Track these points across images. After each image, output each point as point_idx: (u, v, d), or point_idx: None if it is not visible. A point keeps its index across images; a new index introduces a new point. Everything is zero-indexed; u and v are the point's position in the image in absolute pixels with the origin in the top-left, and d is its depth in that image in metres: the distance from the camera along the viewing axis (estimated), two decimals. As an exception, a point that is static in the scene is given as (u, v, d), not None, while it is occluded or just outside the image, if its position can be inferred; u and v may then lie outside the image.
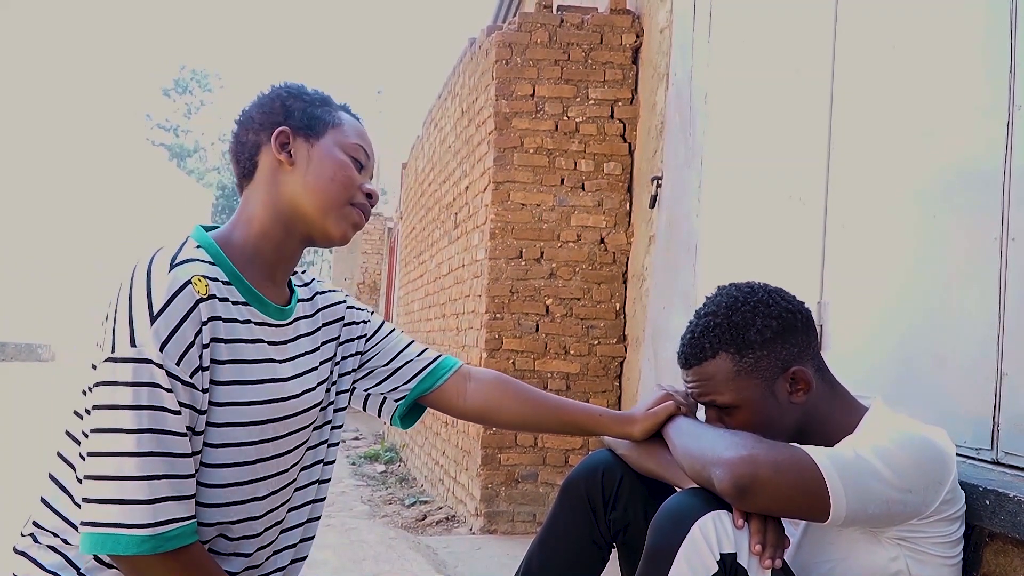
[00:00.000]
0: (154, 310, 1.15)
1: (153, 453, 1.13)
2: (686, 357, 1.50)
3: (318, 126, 1.35)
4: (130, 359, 1.13)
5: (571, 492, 1.63)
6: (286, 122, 1.34)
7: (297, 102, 1.36)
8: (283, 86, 1.39)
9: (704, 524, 1.25)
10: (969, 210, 1.82)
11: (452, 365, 1.58)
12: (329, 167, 1.33)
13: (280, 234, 1.33)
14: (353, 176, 1.35)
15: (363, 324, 1.54)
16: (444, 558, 3.50)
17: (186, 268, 1.20)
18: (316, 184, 1.32)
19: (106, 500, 1.12)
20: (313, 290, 1.48)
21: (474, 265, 4.35)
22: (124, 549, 1.11)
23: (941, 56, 1.96)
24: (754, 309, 1.45)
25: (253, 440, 1.27)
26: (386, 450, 7.20)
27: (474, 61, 4.60)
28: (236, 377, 1.25)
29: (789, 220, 2.55)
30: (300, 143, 1.34)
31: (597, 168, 4.01)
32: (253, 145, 1.35)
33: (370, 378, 1.55)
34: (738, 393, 1.44)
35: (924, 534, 1.32)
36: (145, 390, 1.13)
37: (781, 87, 2.68)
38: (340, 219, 1.34)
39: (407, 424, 1.60)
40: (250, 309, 1.29)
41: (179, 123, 39.88)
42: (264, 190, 1.33)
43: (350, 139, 1.37)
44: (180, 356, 1.16)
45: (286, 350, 1.34)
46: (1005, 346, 1.67)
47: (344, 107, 1.42)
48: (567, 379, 3.97)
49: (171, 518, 1.14)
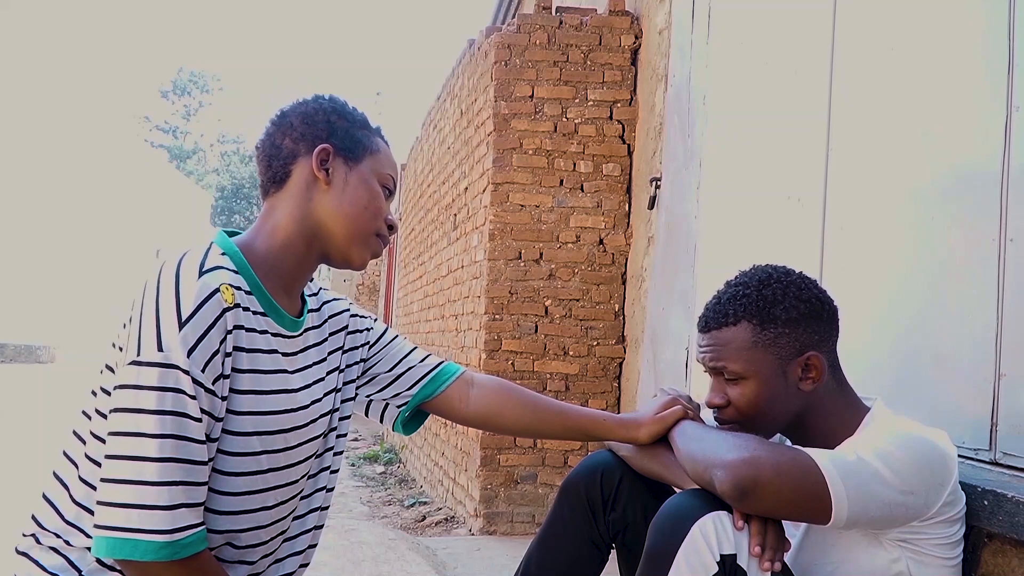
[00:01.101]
0: (183, 316, 1.15)
1: (174, 459, 1.12)
2: (707, 320, 1.49)
3: (359, 150, 1.35)
4: (156, 363, 1.13)
5: (570, 493, 1.63)
6: (329, 140, 1.34)
7: (341, 121, 1.36)
8: (328, 100, 1.38)
9: (704, 525, 1.25)
10: (967, 211, 1.82)
11: (454, 371, 1.58)
12: (364, 195, 1.34)
13: (302, 249, 1.33)
14: (383, 207, 1.37)
15: (366, 332, 1.54)
16: (443, 559, 3.50)
17: (215, 275, 1.19)
18: (350, 210, 1.33)
19: (125, 504, 1.11)
20: (321, 299, 1.48)
21: (473, 266, 4.35)
22: (142, 555, 1.10)
23: (939, 57, 1.96)
24: (786, 288, 1.45)
25: (266, 450, 1.27)
26: (385, 451, 7.20)
27: (473, 62, 4.61)
28: (254, 387, 1.25)
29: (788, 221, 2.55)
30: (339, 164, 1.34)
31: (596, 169, 4.01)
32: (290, 153, 1.34)
33: (373, 384, 1.55)
34: (750, 364, 1.43)
35: (925, 536, 1.32)
36: (170, 395, 1.13)
37: (780, 88, 2.68)
38: (364, 248, 1.36)
39: (409, 430, 1.61)
40: (267, 320, 1.29)
41: (178, 125, 39.89)
42: (295, 203, 1.33)
43: (385, 169, 1.38)
44: (206, 363, 1.16)
45: (296, 361, 1.35)
46: (1003, 347, 1.67)
47: (379, 131, 1.42)
48: (566, 380, 3.97)
49: (187, 524, 1.14)
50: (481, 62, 4.35)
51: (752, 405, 1.44)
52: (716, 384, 1.50)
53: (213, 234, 1.32)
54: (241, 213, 38.51)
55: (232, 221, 37.88)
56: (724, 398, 1.47)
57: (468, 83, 4.75)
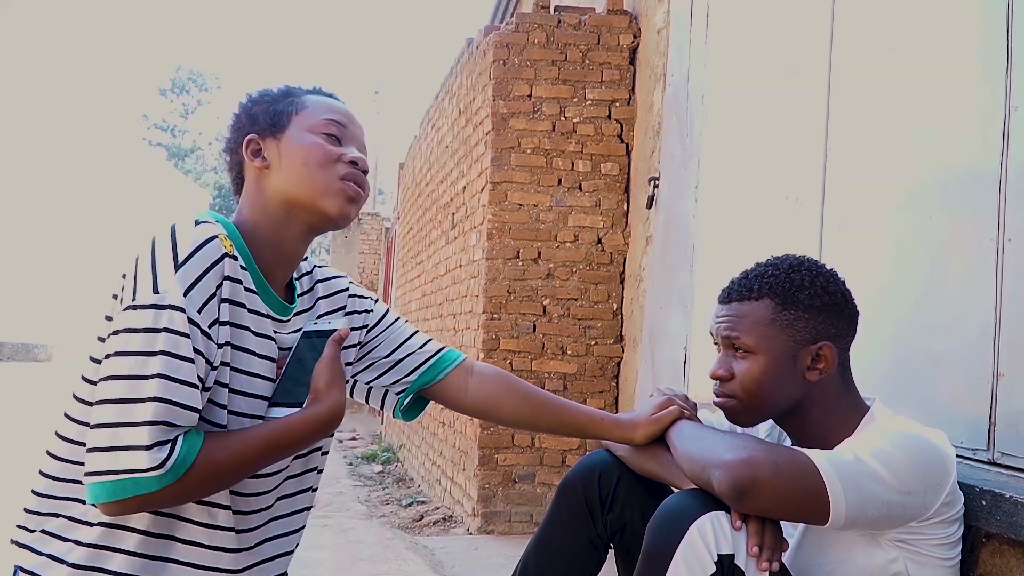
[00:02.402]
0: (179, 258, 1.15)
1: (162, 399, 1.11)
2: (730, 292, 1.50)
3: (281, 119, 1.33)
4: (151, 305, 1.12)
5: (568, 492, 1.63)
6: (252, 129, 1.34)
7: (259, 106, 1.36)
8: (246, 96, 1.39)
9: (702, 525, 1.25)
10: (965, 211, 1.82)
11: (455, 358, 1.56)
12: (300, 153, 1.31)
13: (274, 235, 1.32)
14: (328, 151, 1.32)
15: (365, 314, 1.51)
16: (441, 558, 3.50)
17: (212, 227, 1.20)
18: (292, 176, 1.30)
19: (113, 447, 1.10)
20: (314, 279, 1.46)
21: (471, 265, 4.35)
22: (146, 487, 1.09)
23: (938, 57, 1.96)
24: (814, 277, 1.46)
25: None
26: (383, 450, 7.20)
27: (471, 61, 4.60)
28: (240, 366, 1.24)
29: (786, 220, 2.55)
30: (270, 143, 1.33)
31: (594, 168, 4.01)
32: (236, 162, 1.36)
33: (371, 370, 1.53)
34: (764, 341, 1.44)
35: (923, 536, 1.32)
36: (162, 335, 1.12)
37: (778, 88, 2.68)
38: (332, 197, 1.31)
39: (409, 417, 1.59)
40: (258, 299, 1.28)
41: (176, 123, 39.85)
42: (251, 197, 1.33)
43: (316, 117, 1.34)
44: (202, 304, 1.15)
45: (284, 343, 1.33)
46: (1001, 347, 1.67)
47: (315, 90, 1.40)
48: (564, 379, 3.97)
49: (171, 438, 1.11)
50: (479, 61, 4.35)
51: (756, 382, 1.44)
52: (723, 357, 1.49)
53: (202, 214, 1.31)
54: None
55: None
56: (729, 371, 1.47)
57: (466, 82, 4.75)
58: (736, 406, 1.47)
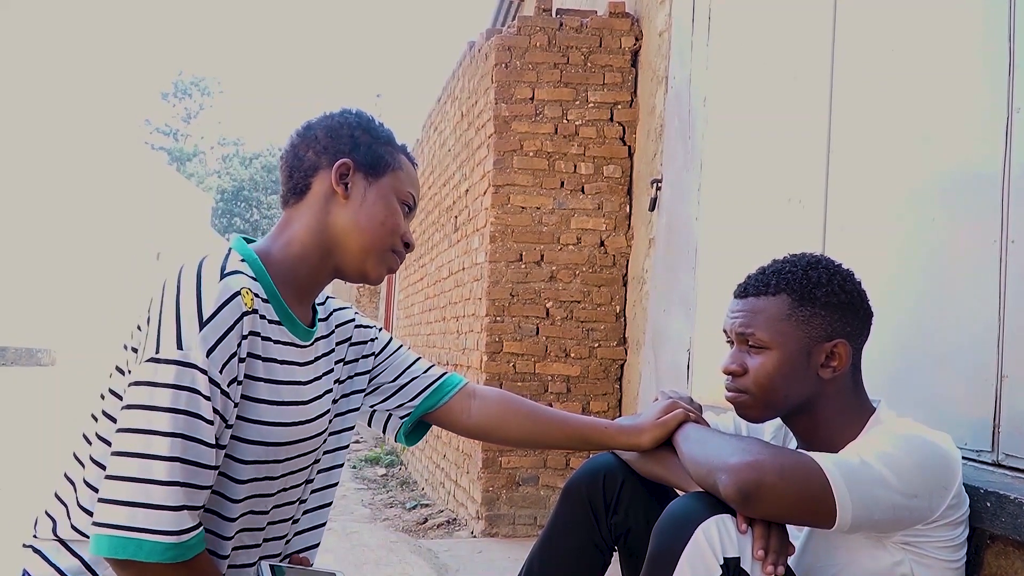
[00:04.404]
0: (204, 316, 1.15)
1: (182, 460, 1.12)
2: (746, 287, 1.50)
3: (380, 166, 1.36)
4: (174, 361, 1.13)
5: (572, 495, 1.63)
6: (350, 154, 1.35)
7: (365, 136, 1.37)
8: (355, 115, 1.39)
9: (708, 528, 1.25)
10: (968, 213, 1.82)
11: (457, 383, 1.59)
12: (382, 211, 1.35)
13: (317, 260, 1.34)
14: (400, 224, 1.37)
15: (371, 343, 1.55)
16: (445, 561, 3.50)
17: (236, 279, 1.20)
18: (366, 225, 1.34)
19: (129, 503, 1.09)
20: (329, 308, 1.49)
21: (474, 268, 4.35)
22: (146, 555, 1.09)
23: (940, 59, 1.96)
24: (831, 275, 1.46)
25: (271, 459, 1.28)
26: (387, 453, 7.20)
27: (473, 65, 4.61)
28: (269, 396, 1.26)
29: (789, 223, 2.55)
30: (359, 179, 1.35)
31: (597, 171, 4.01)
32: (311, 166, 1.35)
33: (377, 394, 1.56)
34: (778, 336, 1.43)
35: (929, 538, 1.32)
36: (184, 394, 1.13)
37: (780, 90, 2.68)
38: (379, 263, 1.36)
39: (412, 441, 1.61)
40: (282, 328, 1.30)
41: (178, 127, 39.91)
42: (312, 215, 1.34)
43: (405, 187, 1.39)
44: (224, 364, 1.16)
45: (308, 372, 1.36)
46: (1005, 348, 1.67)
47: (404, 149, 1.43)
48: (567, 382, 3.97)
49: (190, 526, 1.13)
50: (481, 64, 4.36)
51: (769, 377, 1.43)
52: (736, 352, 1.49)
53: (231, 240, 1.33)
54: (241, 215, 38.52)
55: (232, 224, 37.94)
56: (742, 366, 1.46)
57: (468, 85, 4.75)
58: (748, 401, 1.47)
